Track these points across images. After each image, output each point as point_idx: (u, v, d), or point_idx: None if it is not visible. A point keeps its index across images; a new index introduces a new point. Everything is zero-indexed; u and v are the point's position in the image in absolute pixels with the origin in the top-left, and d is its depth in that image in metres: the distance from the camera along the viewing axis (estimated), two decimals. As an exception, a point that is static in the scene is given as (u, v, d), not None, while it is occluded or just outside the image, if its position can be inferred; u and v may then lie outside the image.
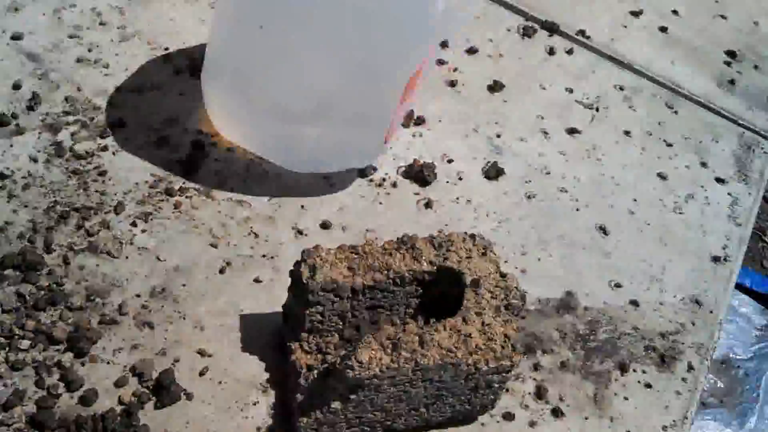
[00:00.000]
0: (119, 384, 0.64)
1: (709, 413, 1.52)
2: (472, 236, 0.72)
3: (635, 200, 0.96)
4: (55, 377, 0.63)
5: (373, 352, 0.62)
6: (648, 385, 0.79)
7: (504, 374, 0.67)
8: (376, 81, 0.76)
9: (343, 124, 0.79)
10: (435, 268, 0.69)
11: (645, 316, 0.85)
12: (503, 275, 0.70)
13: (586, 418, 0.75)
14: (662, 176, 1.00)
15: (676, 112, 1.08)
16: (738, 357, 1.65)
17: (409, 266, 0.69)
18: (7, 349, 0.64)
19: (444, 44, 1.04)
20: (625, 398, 0.78)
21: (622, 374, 0.79)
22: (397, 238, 0.70)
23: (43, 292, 0.68)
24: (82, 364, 0.65)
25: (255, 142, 0.83)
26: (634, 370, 0.80)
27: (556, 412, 0.75)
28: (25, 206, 0.74)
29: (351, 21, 0.71)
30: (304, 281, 0.65)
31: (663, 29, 1.20)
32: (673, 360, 0.82)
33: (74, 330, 0.66)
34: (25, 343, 0.64)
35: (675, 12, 1.24)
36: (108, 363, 0.66)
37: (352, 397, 0.63)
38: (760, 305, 1.76)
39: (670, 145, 1.04)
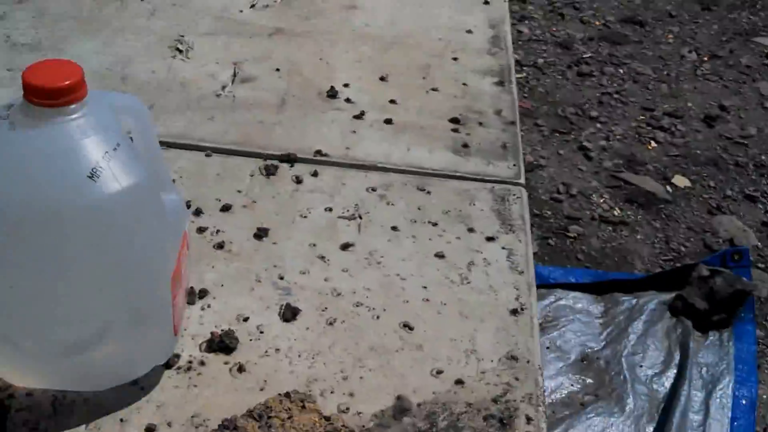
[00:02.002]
0: None
1: (590, 411, 1.64)
2: (287, 395, 0.78)
3: (425, 287, 1.04)
4: None
5: None
6: (499, 452, 0.87)
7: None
8: (141, 292, 0.80)
9: (128, 336, 0.82)
10: (265, 440, 0.74)
11: (473, 390, 0.93)
12: (327, 418, 0.76)
13: (457, 508, 0.81)
14: (440, 255, 1.09)
15: (429, 193, 1.19)
16: (594, 349, 1.78)
17: (240, 448, 0.73)
18: None
19: (198, 212, 1.10)
20: (483, 473, 0.85)
21: (472, 452, 0.87)
22: (219, 425, 0.74)
23: None
24: None
25: (49, 379, 0.85)
26: (482, 444, 0.88)
27: None
28: None
29: (98, 256, 0.76)
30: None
31: (388, 121, 1.32)
32: (512, 419, 0.90)
33: None
34: None
35: (392, 101, 1.37)
36: None
37: None
38: (592, 295, 1.92)
39: (435, 224, 1.14)
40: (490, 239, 1.13)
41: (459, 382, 0.93)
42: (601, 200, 2.43)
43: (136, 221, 0.78)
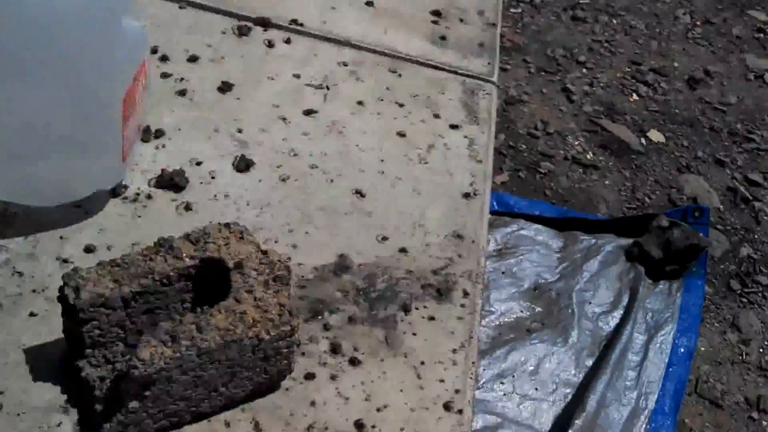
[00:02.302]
0: None
1: (535, 338, 1.67)
2: (227, 225, 0.77)
3: (382, 161, 1.04)
4: None
5: (153, 348, 0.66)
6: (431, 318, 0.88)
7: (288, 339, 0.73)
8: (91, 108, 0.80)
9: (75, 153, 0.82)
10: (197, 261, 0.74)
11: (415, 259, 0.94)
12: (264, 252, 0.76)
13: (382, 360, 0.82)
14: (401, 134, 1.09)
15: (400, 76, 1.19)
16: (548, 281, 1.80)
17: (172, 265, 0.73)
18: None
19: (165, 58, 1.08)
20: (414, 334, 0.85)
21: (406, 314, 0.87)
22: (154, 242, 0.74)
23: None
24: None
25: (-6, 189, 0.84)
26: (416, 308, 0.88)
27: (354, 362, 0.81)
28: None
29: (47, 61, 0.75)
30: (71, 302, 0.68)
31: (369, 3, 1.30)
32: (449, 291, 0.91)
33: None
34: None
35: (373, -14, 1.35)
36: None
37: (147, 393, 0.66)
38: (553, 230, 1.94)
39: (402, 105, 1.14)
40: (453, 127, 1.12)
41: (403, 250, 0.94)
42: (576, 142, 2.44)
43: (89, 31, 0.77)
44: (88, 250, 0.84)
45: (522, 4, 3.02)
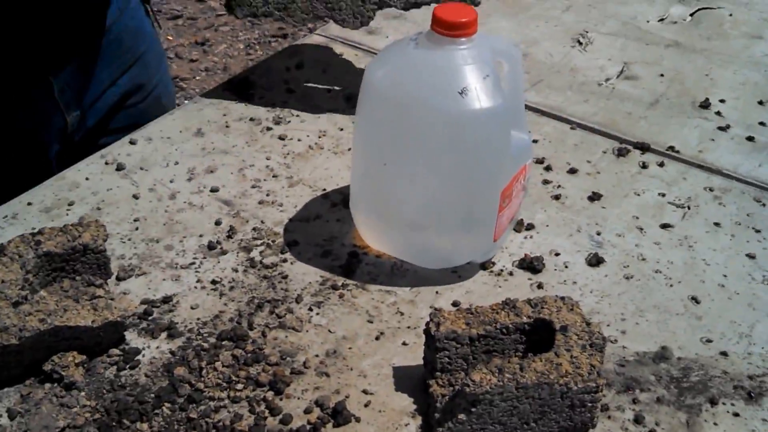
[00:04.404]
0: (307, 411, 0.98)
1: None
2: (562, 298, 1.04)
3: (725, 276, 1.23)
4: (262, 407, 0.99)
5: (484, 374, 0.94)
6: (736, 414, 1.04)
7: (593, 394, 0.97)
8: (477, 195, 1.12)
9: (458, 229, 1.14)
10: (532, 320, 1.01)
11: (734, 363, 1.10)
12: (588, 323, 1.01)
13: (679, 439, 1.02)
14: (751, 256, 1.26)
15: (764, 205, 1.36)
16: None
17: (512, 320, 1.01)
18: (228, 389, 1.01)
19: (548, 168, 1.39)
20: (715, 424, 1.02)
21: (711, 406, 1.04)
22: (502, 301, 1.02)
23: (249, 354, 1.05)
24: (281, 399, 1.00)
25: (395, 249, 1.20)
26: (723, 404, 1.05)
27: (653, 434, 1.02)
28: (232, 300, 1.14)
29: (450, 156, 1.09)
30: (432, 333, 0.99)
31: (750, 138, 1.50)
32: (761, 396, 1.07)
33: (273, 378, 1.02)
34: (240, 386, 1.01)
35: (762, 123, 1.54)
36: (298, 398, 1.00)
37: (473, 410, 0.94)
38: None
39: (758, 231, 1.31)
40: (807, 257, 1.27)
41: (723, 353, 1.11)
42: None
43: (485, 137, 1.08)
44: (455, 304, 1.15)
45: None
